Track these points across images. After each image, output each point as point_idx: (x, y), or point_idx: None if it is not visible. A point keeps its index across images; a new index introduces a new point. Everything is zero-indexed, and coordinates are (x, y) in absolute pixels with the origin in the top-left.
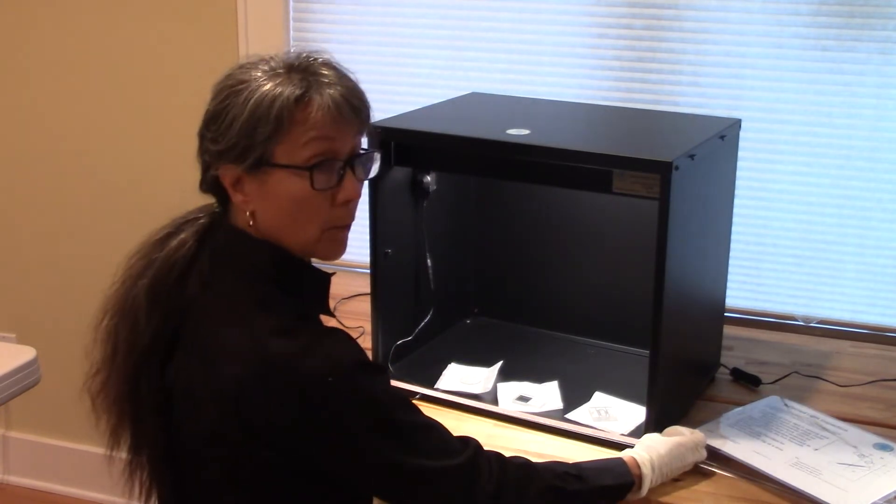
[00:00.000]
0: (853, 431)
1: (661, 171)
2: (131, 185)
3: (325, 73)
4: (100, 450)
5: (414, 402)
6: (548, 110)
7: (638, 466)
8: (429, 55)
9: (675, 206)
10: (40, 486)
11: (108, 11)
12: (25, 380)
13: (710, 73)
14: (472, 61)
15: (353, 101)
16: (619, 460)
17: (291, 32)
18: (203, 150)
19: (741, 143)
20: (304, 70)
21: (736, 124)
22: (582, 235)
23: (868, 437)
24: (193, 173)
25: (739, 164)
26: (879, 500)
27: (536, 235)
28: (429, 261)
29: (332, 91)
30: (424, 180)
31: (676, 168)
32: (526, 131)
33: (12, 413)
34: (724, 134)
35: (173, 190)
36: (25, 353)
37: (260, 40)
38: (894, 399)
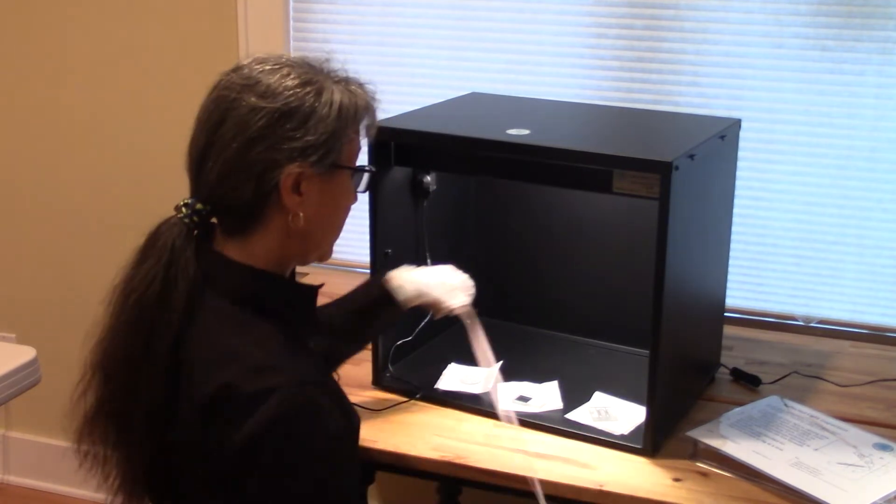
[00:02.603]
0: (853, 431)
1: (661, 171)
2: (132, 184)
3: (361, 81)
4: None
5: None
6: (548, 110)
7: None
8: (429, 55)
9: (675, 206)
10: (40, 486)
11: (107, 12)
12: (25, 380)
13: (710, 73)
14: (472, 61)
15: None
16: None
17: (291, 32)
18: (265, 152)
19: (741, 143)
20: (351, 79)
21: (736, 124)
22: (582, 235)
23: (868, 437)
24: None
25: (739, 164)
26: (879, 500)
27: (536, 235)
28: (429, 261)
29: (374, 102)
30: (424, 180)
31: (676, 168)
32: (526, 131)
33: (12, 413)
34: (724, 134)
35: (174, 190)
36: (25, 353)
37: (260, 40)
38: (894, 399)
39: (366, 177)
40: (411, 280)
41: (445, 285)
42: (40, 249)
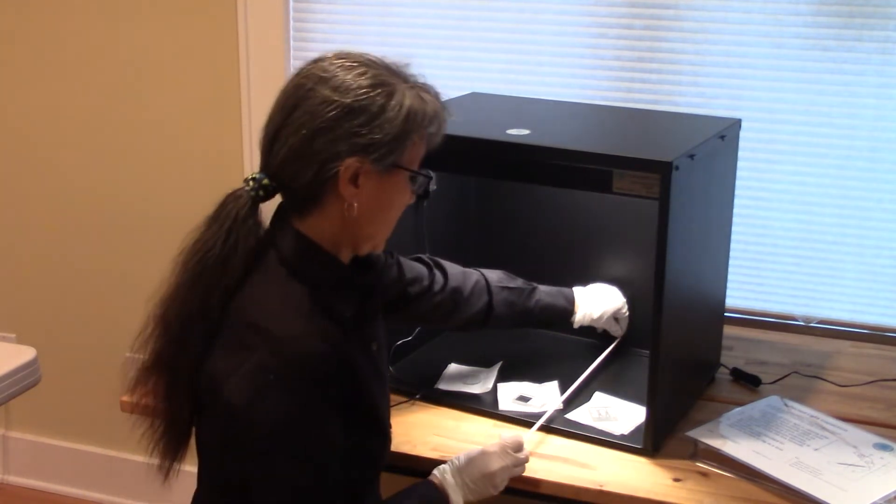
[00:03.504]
0: (853, 431)
1: (661, 171)
2: (131, 184)
3: (434, 91)
4: (100, 450)
5: (414, 402)
6: (548, 110)
7: (441, 480)
8: (429, 55)
9: (675, 206)
10: (40, 486)
11: (107, 12)
12: (25, 380)
13: (710, 73)
14: (472, 61)
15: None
16: (425, 480)
17: (291, 32)
18: (332, 142)
19: (741, 143)
20: (426, 87)
21: (736, 124)
22: (582, 235)
23: (868, 437)
24: (192, 173)
25: (739, 164)
26: (879, 500)
27: (536, 235)
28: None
29: (446, 114)
30: None
31: (676, 168)
32: (526, 131)
33: (12, 413)
34: (724, 134)
35: (173, 190)
36: (25, 353)
37: (260, 40)
38: (894, 399)
39: (422, 181)
40: (587, 309)
41: (618, 312)
42: (40, 250)
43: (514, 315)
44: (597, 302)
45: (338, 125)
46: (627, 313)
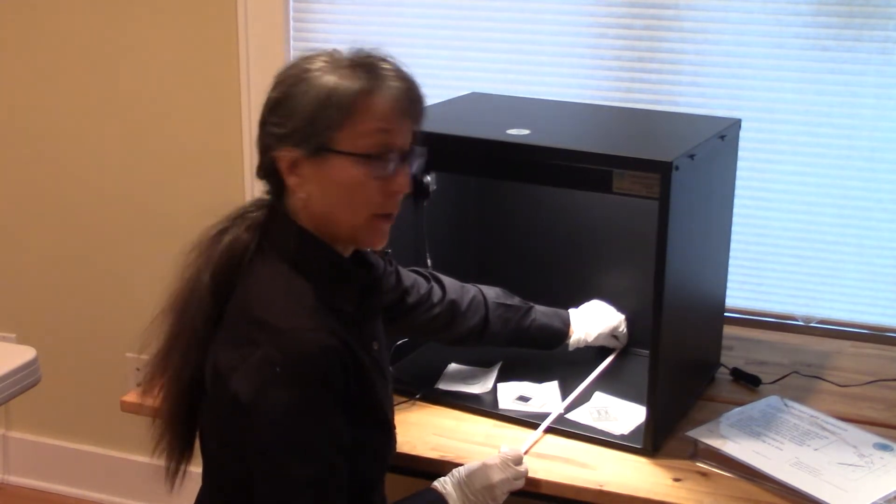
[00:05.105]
0: (853, 431)
1: (661, 171)
2: (131, 184)
3: (387, 67)
4: (100, 450)
5: (416, 401)
6: (548, 110)
7: (442, 492)
8: (429, 55)
9: (675, 206)
10: (40, 486)
11: (106, 12)
12: (25, 380)
13: (710, 73)
14: (472, 61)
15: (412, 96)
16: (428, 489)
17: (291, 32)
18: (264, 136)
19: (741, 143)
20: (368, 65)
21: (736, 124)
22: (582, 235)
23: (868, 437)
24: (192, 173)
25: (739, 164)
26: (879, 500)
27: (536, 235)
28: (429, 261)
29: (394, 84)
30: (424, 180)
31: (676, 168)
32: (526, 131)
33: (12, 413)
34: (724, 134)
35: (173, 190)
36: (25, 353)
37: (260, 40)
38: (894, 399)
39: (383, 162)
40: (581, 333)
41: (614, 330)
42: (41, 250)
43: (508, 332)
44: (592, 324)
45: (266, 119)
46: (625, 330)
